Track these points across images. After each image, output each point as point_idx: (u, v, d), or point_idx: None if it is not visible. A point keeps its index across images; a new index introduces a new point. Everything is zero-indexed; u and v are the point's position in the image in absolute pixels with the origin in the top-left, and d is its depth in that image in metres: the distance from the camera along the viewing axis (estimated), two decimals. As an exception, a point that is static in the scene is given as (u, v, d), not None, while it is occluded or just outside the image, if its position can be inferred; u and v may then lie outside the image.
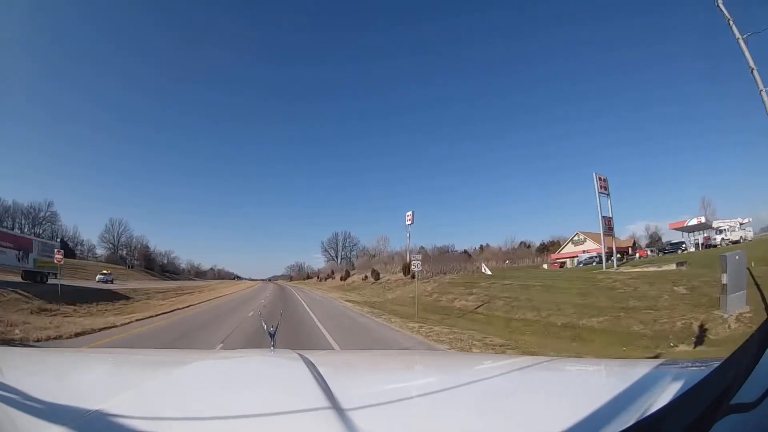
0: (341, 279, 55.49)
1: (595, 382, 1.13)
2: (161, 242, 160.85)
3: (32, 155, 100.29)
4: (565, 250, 47.16)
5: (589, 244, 43.92)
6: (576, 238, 47.34)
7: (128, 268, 59.57)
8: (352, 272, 56.29)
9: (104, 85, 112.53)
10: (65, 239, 72.31)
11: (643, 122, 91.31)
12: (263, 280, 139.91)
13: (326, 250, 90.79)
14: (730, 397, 0.59)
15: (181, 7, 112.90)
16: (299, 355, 1.33)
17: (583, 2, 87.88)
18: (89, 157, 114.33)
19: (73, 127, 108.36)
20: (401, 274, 35.74)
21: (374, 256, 60.23)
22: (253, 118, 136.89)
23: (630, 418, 0.63)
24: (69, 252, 67.47)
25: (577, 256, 40.58)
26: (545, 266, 31.68)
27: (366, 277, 44.77)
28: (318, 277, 79.42)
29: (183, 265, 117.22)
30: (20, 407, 0.75)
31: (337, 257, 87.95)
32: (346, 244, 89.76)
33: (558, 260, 41.00)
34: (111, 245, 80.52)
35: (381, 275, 41.55)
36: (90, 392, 0.99)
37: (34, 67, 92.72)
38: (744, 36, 10.84)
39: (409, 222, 47.72)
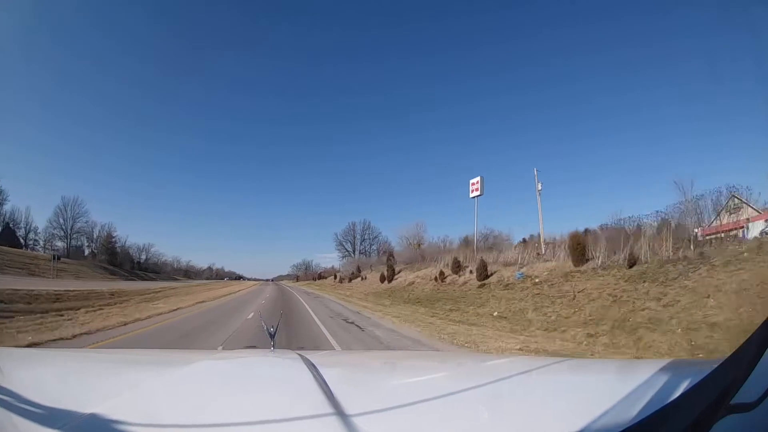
0: (383, 279, 39.41)
1: (595, 382, 1.31)
2: (159, 243, 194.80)
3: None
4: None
5: (749, 211, 36.43)
6: (731, 203, 39.12)
7: (53, 259, 49.36)
8: (397, 268, 40.71)
9: (104, 83, 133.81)
10: (12, 225, 72.71)
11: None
12: (265, 280, 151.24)
13: (341, 244, 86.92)
14: (730, 397, 0.73)
15: (180, 7, 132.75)
16: (299, 355, 1.61)
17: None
18: (90, 156, 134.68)
19: (71, 126, 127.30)
20: (556, 261, 20.41)
21: (420, 245, 49.72)
22: (254, 117, 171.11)
23: (630, 418, 0.78)
24: (13, 240, 68.57)
25: (740, 228, 32.66)
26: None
27: (443, 275, 27.32)
28: (336, 277, 68.02)
29: (169, 262, 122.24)
30: (20, 408, 0.90)
31: (354, 251, 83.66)
32: (366, 236, 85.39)
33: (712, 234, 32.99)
34: (62, 231, 76.53)
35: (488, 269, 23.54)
36: (90, 393, 1.23)
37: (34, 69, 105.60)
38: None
39: (477, 193, 36.56)
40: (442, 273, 27.97)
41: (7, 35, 77.12)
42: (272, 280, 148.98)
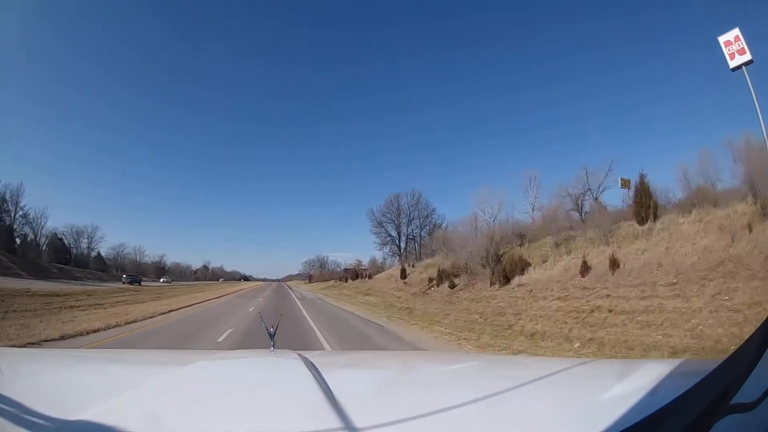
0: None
1: (595, 382, 1.34)
2: (159, 245, 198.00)
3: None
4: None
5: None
6: None
7: None
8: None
9: (107, 84, 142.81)
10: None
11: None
12: (272, 281, 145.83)
13: (380, 224, 56.83)
14: (730, 397, 0.74)
15: (178, 6, 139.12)
16: (300, 356, 1.62)
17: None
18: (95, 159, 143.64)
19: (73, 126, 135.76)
20: None
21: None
22: (256, 118, 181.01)
23: (630, 418, 0.79)
24: None
25: None
26: None
27: None
28: (406, 275, 37.50)
29: (131, 255, 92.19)
30: (20, 408, 0.92)
31: (399, 238, 55.28)
32: (414, 216, 55.14)
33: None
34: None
35: None
36: (90, 393, 1.25)
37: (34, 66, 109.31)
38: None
39: (745, 57, 17.46)
40: None
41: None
42: (279, 281, 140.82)
